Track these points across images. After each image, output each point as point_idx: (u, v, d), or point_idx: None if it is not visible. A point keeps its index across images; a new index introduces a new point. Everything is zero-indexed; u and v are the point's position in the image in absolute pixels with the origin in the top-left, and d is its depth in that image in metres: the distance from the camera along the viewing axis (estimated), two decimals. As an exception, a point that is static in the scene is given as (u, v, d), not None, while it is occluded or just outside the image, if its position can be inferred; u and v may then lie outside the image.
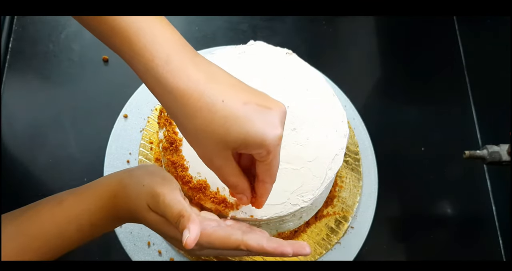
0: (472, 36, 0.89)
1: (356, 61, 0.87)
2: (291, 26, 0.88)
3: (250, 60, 0.68)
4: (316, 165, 0.61)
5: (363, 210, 0.73)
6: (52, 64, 0.79)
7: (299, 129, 0.63)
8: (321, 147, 0.63)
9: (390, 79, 0.86)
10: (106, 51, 0.80)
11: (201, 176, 0.59)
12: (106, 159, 0.72)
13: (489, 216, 0.78)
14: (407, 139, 0.81)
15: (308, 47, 0.86)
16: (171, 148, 0.60)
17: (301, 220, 0.67)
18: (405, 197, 0.77)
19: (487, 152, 0.65)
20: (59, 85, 0.78)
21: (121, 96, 0.76)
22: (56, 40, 0.81)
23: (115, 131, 0.74)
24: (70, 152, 0.73)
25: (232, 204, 0.58)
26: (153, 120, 0.74)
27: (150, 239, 0.67)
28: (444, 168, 0.80)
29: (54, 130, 0.75)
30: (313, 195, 0.60)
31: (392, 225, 0.75)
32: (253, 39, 0.71)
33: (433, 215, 0.78)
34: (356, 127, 0.78)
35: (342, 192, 0.73)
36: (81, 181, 0.71)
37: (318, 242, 0.69)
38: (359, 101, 0.81)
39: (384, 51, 0.88)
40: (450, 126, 0.83)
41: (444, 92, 0.86)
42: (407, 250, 0.75)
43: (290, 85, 0.67)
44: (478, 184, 0.80)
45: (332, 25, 0.89)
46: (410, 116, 0.84)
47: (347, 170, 0.74)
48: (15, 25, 0.81)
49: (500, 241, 0.76)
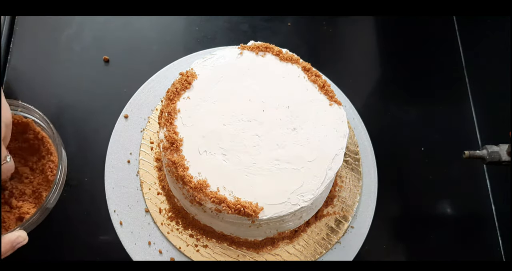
0: (472, 36, 0.89)
1: (356, 61, 0.87)
2: (291, 26, 0.88)
3: (250, 60, 0.68)
4: (316, 165, 0.62)
5: (363, 210, 0.73)
6: (52, 64, 0.79)
7: (299, 129, 0.64)
8: (321, 147, 0.63)
9: (390, 79, 0.87)
10: (107, 51, 0.80)
11: (201, 176, 0.59)
12: (107, 159, 0.72)
13: (489, 216, 0.78)
14: (407, 139, 0.82)
15: (308, 47, 0.86)
16: (172, 148, 0.60)
17: (301, 219, 0.67)
18: (405, 197, 0.77)
19: (486, 152, 0.65)
20: (59, 85, 0.78)
21: (121, 96, 0.76)
22: (56, 40, 0.81)
23: (116, 131, 0.74)
24: (70, 152, 0.73)
25: (232, 204, 0.58)
26: (153, 120, 0.74)
27: (150, 239, 0.68)
28: (444, 168, 0.80)
29: (54, 130, 0.75)
30: (313, 195, 0.60)
31: (392, 224, 0.76)
32: (253, 39, 0.71)
33: (433, 215, 0.78)
34: (356, 127, 0.78)
35: (342, 191, 0.73)
36: (81, 181, 0.72)
37: (318, 241, 0.69)
38: (359, 101, 0.81)
39: (384, 51, 0.88)
40: (450, 126, 0.83)
41: (444, 92, 0.86)
42: (407, 250, 0.75)
43: (290, 85, 0.67)
44: (478, 184, 0.80)
45: (332, 25, 0.89)
46: (410, 116, 0.84)
47: (347, 170, 0.74)
48: (16, 25, 0.81)
49: (500, 241, 0.76)
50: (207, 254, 0.67)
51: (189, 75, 0.65)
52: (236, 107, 0.64)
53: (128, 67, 0.80)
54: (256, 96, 0.65)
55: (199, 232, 0.68)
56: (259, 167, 0.61)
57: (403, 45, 0.90)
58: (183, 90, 0.65)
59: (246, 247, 0.68)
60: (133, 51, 0.81)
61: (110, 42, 0.81)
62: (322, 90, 0.67)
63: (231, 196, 0.59)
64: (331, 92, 0.67)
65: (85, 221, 0.69)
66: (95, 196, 0.70)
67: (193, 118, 0.63)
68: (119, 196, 0.70)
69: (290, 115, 0.64)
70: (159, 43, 0.83)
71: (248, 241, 0.68)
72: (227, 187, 0.59)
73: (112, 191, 0.70)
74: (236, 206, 0.58)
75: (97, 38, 0.81)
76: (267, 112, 0.64)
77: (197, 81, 0.66)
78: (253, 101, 0.65)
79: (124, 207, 0.69)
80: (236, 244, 0.68)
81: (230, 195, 0.59)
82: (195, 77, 0.66)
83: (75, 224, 0.69)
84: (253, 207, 0.58)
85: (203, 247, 0.67)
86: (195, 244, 0.67)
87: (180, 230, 0.68)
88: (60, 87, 0.78)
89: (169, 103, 0.63)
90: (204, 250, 0.67)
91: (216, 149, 0.61)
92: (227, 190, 0.59)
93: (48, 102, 0.77)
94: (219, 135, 0.62)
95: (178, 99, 0.64)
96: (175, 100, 0.63)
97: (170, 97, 0.64)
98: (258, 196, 0.59)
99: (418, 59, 0.89)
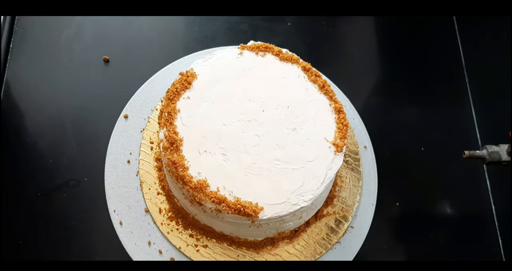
0: (472, 36, 0.89)
1: (356, 61, 0.87)
2: (291, 26, 0.88)
3: (250, 60, 0.68)
4: (316, 165, 0.62)
5: (363, 210, 0.73)
6: (52, 64, 0.79)
7: (299, 129, 0.64)
8: (321, 147, 0.63)
9: (390, 79, 0.87)
10: (107, 51, 0.80)
11: (201, 176, 0.59)
12: (107, 159, 0.72)
13: (489, 216, 0.78)
14: (407, 139, 0.82)
15: (308, 47, 0.86)
16: (172, 148, 0.60)
17: (301, 219, 0.67)
18: (405, 197, 0.77)
19: (486, 152, 0.65)
20: (59, 85, 0.78)
21: (121, 96, 0.76)
22: (56, 40, 0.81)
23: (116, 131, 0.74)
24: (70, 152, 0.73)
25: (232, 204, 0.58)
26: (153, 120, 0.74)
27: (150, 239, 0.68)
28: (444, 168, 0.80)
29: (54, 130, 0.75)
30: (313, 195, 0.60)
31: (392, 225, 0.76)
32: (253, 39, 0.71)
33: (433, 215, 0.78)
34: (356, 127, 0.78)
35: (342, 191, 0.73)
36: (81, 181, 0.72)
37: (318, 241, 0.69)
38: (359, 101, 0.81)
39: (384, 51, 0.88)
40: (450, 126, 0.83)
41: (444, 92, 0.86)
42: (407, 250, 0.75)
43: (290, 85, 0.67)
44: (478, 184, 0.80)
45: (332, 25, 0.89)
46: (410, 116, 0.84)
47: (347, 170, 0.74)
48: (16, 25, 0.81)
49: (500, 241, 0.76)
50: (207, 254, 0.67)
51: (189, 75, 0.65)
52: (236, 107, 0.64)
53: (128, 67, 0.80)
54: (256, 96, 0.65)
55: (199, 232, 0.68)
56: (259, 167, 0.61)
57: (403, 45, 0.90)
58: (183, 90, 0.65)
59: (246, 247, 0.68)
60: (133, 51, 0.81)
61: (110, 42, 0.81)
62: (322, 90, 0.67)
63: (231, 196, 0.59)
64: (331, 92, 0.67)
65: (85, 221, 0.69)
66: (95, 196, 0.70)
67: (193, 118, 0.63)
68: (119, 196, 0.70)
69: (290, 115, 0.64)
70: (159, 43, 0.83)
71: (248, 241, 0.68)
72: (227, 187, 0.59)
73: (112, 191, 0.70)
74: (236, 206, 0.58)
75: (97, 38, 0.81)
76: (267, 112, 0.64)
77: (197, 81, 0.66)
78: (253, 101, 0.65)
79: (124, 207, 0.69)
80: (236, 244, 0.68)
81: (230, 195, 0.59)
82: (195, 77, 0.66)
83: (75, 224, 0.69)
84: (253, 207, 0.58)
85: (203, 247, 0.67)
86: (195, 244, 0.67)
87: (180, 230, 0.68)
88: (60, 87, 0.78)
89: (169, 103, 0.63)
90: (204, 250, 0.67)
91: (216, 149, 0.61)
92: (227, 190, 0.59)
93: (48, 102, 0.77)
94: (219, 135, 0.62)
95: (178, 99, 0.64)
96: (175, 100, 0.64)
97: (170, 97, 0.64)
98: (258, 196, 0.59)
99: (418, 59, 0.89)
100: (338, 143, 0.63)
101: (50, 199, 0.70)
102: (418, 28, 0.91)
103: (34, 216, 0.69)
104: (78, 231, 0.69)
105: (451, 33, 0.91)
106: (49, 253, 0.68)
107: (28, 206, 0.70)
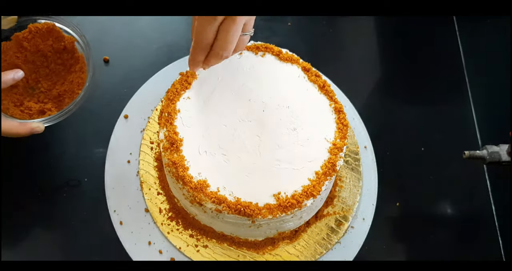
0: (472, 36, 0.89)
1: (356, 61, 0.87)
2: (291, 26, 0.88)
3: (250, 60, 0.68)
4: (316, 165, 0.62)
5: (363, 210, 0.73)
6: (52, 64, 0.79)
7: (299, 129, 0.64)
8: (321, 147, 0.63)
9: (390, 79, 0.87)
10: (107, 51, 0.80)
11: (201, 176, 0.59)
12: (107, 159, 0.72)
13: (489, 216, 0.78)
14: (407, 139, 0.81)
15: (308, 47, 0.86)
16: (172, 148, 0.60)
17: (301, 219, 0.67)
18: (405, 197, 0.77)
19: (487, 152, 0.65)
20: (59, 85, 0.78)
21: (121, 96, 0.76)
22: (56, 40, 0.81)
23: (116, 131, 0.74)
24: (70, 152, 0.73)
25: (232, 204, 0.58)
26: (153, 121, 0.74)
27: (150, 239, 0.68)
28: (444, 168, 0.80)
29: (54, 130, 0.75)
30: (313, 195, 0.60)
31: (392, 225, 0.76)
32: (253, 39, 0.71)
33: (433, 215, 0.78)
34: (356, 127, 0.78)
35: (342, 192, 0.73)
36: (81, 181, 0.72)
37: (318, 241, 0.69)
38: (359, 101, 0.81)
39: (384, 51, 0.88)
40: (450, 126, 0.83)
41: (444, 92, 0.86)
42: (407, 249, 0.75)
43: (290, 86, 0.67)
44: (478, 184, 0.80)
45: (332, 25, 0.89)
46: (410, 116, 0.84)
47: (347, 170, 0.74)
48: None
49: (500, 241, 0.76)
50: (207, 254, 0.67)
51: (189, 75, 0.65)
52: (236, 107, 0.64)
53: (128, 67, 0.80)
54: (256, 96, 0.65)
55: (199, 232, 0.68)
56: (259, 167, 0.61)
57: (403, 45, 0.90)
58: (183, 90, 0.65)
59: (246, 247, 0.68)
60: (133, 51, 0.81)
61: (110, 42, 0.81)
62: (322, 90, 0.67)
63: (231, 196, 0.59)
64: (331, 92, 0.67)
65: (85, 221, 0.69)
66: (95, 196, 0.70)
67: (193, 119, 0.63)
68: (119, 196, 0.70)
69: (290, 115, 0.64)
70: (159, 43, 0.83)
71: (248, 241, 0.68)
72: (227, 187, 0.59)
73: (112, 191, 0.70)
74: (236, 206, 0.58)
75: (97, 38, 0.81)
76: (267, 112, 0.64)
77: (197, 81, 0.66)
78: (253, 101, 0.65)
79: (124, 207, 0.69)
80: (236, 244, 0.68)
81: (230, 195, 0.59)
82: (195, 77, 0.66)
83: (75, 224, 0.69)
84: (253, 207, 0.58)
85: (203, 247, 0.67)
86: (195, 244, 0.67)
87: (180, 230, 0.68)
88: (60, 87, 0.78)
89: (169, 104, 0.63)
90: (204, 250, 0.67)
91: (216, 149, 0.61)
92: (227, 190, 0.59)
93: (48, 102, 0.77)
94: (219, 135, 0.62)
95: (178, 100, 0.64)
96: (175, 100, 0.63)
97: (170, 97, 0.64)
98: (258, 196, 0.59)
99: (418, 59, 0.89)
100: (338, 143, 0.63)
101: (50, 199, 0.70)
102: (418, 28, 0.91)
103: (34, 216, 0.69)
104: (78, 231, 0.69)
105: (451, 33, 0.91)
106: (49, 253, 0.68)
107: (28, 206, 0.70)
